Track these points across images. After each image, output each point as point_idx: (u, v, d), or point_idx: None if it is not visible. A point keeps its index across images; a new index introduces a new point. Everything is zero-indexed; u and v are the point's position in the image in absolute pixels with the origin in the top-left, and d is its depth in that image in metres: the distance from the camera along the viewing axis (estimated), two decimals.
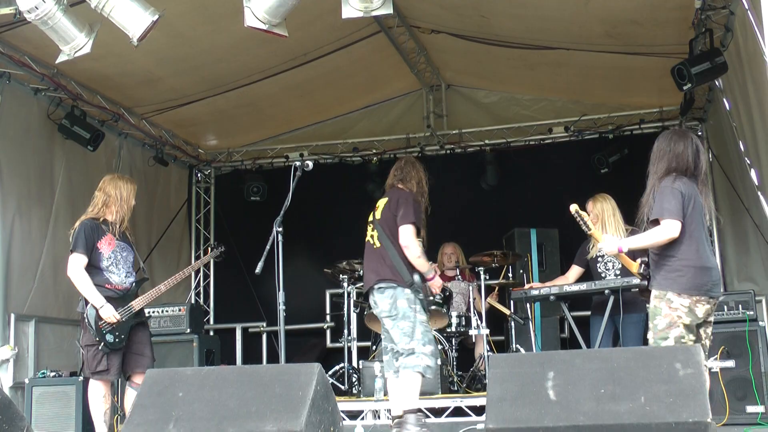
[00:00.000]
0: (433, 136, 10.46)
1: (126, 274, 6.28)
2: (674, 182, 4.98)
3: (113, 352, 6.07)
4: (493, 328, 8.12)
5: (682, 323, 4.77)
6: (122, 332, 6.10)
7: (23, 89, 8.03)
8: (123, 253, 6.29)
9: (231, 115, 9.92)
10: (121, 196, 6.32)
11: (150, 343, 6.34)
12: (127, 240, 6.37)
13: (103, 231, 6.21)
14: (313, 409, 4.01)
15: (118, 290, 6.19)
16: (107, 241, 6.20)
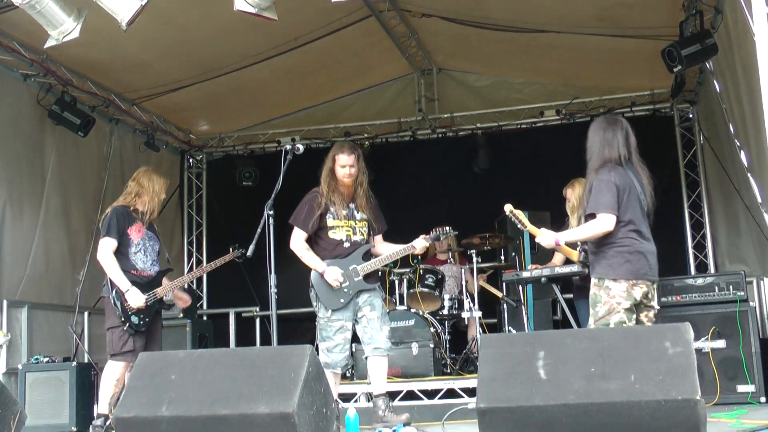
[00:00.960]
0: (424, 120, 10.47)
1: (152, 263, 6.51)
2: (609, 174, 5.11)
3: (138, 333, 6.29)
4: (485, 311, 8.14)
5: (622, 308, 4.93)
6: (147, 316, 6.33)
7: (12, 75, 7.99)
8: (150, 242, 6.53)
9: (222, 101, 9.90)
10: (153, 188, 6.52)
11: (161, 329, 6.64)
12: (154, 231, 6.61)
13: (134, 219, 6.44)
14: (306, 391, 4.03)
15: (143, 276, 6.41)
16: (137, 229, 6.44)
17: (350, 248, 5.96)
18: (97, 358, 8.41)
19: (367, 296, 5.94)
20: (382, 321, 5.95)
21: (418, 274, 7.99)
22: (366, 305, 5.93)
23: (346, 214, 5.98)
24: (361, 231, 6.03)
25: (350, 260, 5.94)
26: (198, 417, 4.09)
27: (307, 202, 6.01)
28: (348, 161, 5.94)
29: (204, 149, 11.18)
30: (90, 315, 8.96)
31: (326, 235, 5.97)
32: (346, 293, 5.88)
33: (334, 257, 5.95)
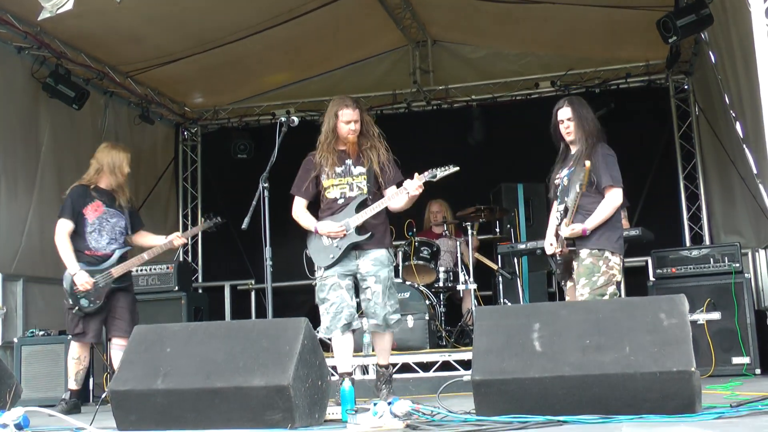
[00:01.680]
0: (419, 92, 10.43)
1: (109, 241, 6.37)
2: (611, 150, 5.22)
3: (90, 316, 6.23)
4: (480, 284, 8.16)
5: (615, 281, 5.08)
6: (98, 297, 6.22)
7: (6, 47, 7.94)
8: (111, 219, 6.39)
9: (217, 73, 9.84)
10: (113, 164, 6.38)
11: (131, 308, 6.43)
12: (119, 207, 6.44)
13: (92, 197, 6.33)
14: (301, 363, 4.04)
15: (98, 256, 6.30)
16: (94, 208, 6.33)
17: (344, 204, 5.66)
18: None
19: (371, 264, 5.60)
20: (387, 295, 5.62)
21: (413, 247, 7.99)
22: (371, 276, 5.60)
23: (341, 171, 5.66)
24: (359, 186, 5.65)
25: (342, 215, 5.63)
26: (193, 390, 4.10)
27: (302, 167, 5.80)
28: (353, 116, 5.62)
29: (199, 122, 11.13)
30: None
31: (324, 196, 5.73)
32: (336, 248, 5.60)
33: (330, 216, 5.68)
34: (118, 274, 6.28)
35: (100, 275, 6.23)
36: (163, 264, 8.42)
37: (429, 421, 3.78)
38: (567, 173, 5.21)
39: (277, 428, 3.91)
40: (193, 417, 4.08)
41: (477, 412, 3.79)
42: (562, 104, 5.37)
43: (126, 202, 6.50)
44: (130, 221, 6.53)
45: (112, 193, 6.42)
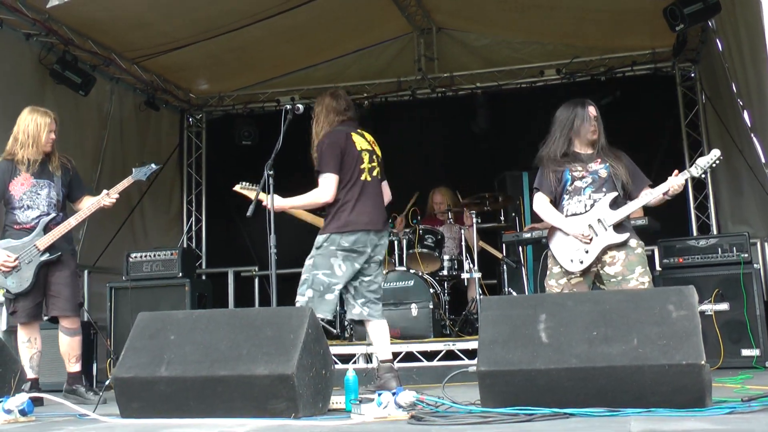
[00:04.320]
0: (424, 80, 10.39)
1: (40, 214, 5.85)
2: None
3: (22, 295, 5.80)
4: (485, 272, 8.13)
5: None
6: (25, 274, 5.76)
7: (15, 34, 7.94)
8: (42, 191, 5.88)
9: (222, 60, 9.81)
10: (28, 131, 5.85)
11: (68, 281, 5.89)
12: (49, 176, 5.92)
13: (17, 170, 5.86)
14: (305, 352, 4.02)
15: (24, 229, 5.83)
16: (20, 181, 5.86)
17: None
18: (96, 316, 8.42)
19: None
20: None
21: (417, 235, 7.96)
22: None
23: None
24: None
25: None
26: (197, 378, 4.09)
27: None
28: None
29: (204, 108, 11.11)
30: (90, 273, 8.97)
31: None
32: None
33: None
34: (43, 245, 5.75)
35: (24, 251, 5.74)
36: (167, 250, 8.39)
37: (433, 412, 3.76)
38: (604, 167, 5.18)
39: (280, 417, 3.90)
40: (197, 405, 4.07)
41: (482, 403, 3.77)
42: (589, 103, 5.36)
43: (58, 169, 5.97)
44: (68, 189, 6.02)
45: (42, 163, 5.91)
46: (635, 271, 5.04)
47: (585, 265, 5.12)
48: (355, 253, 5.45)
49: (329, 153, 5.47)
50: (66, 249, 5.92)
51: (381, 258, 5.61)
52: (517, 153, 9.67)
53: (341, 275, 5.42)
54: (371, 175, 5.60)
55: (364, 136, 5.71)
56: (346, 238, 5.42)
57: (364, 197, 5.50)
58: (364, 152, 5.60)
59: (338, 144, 5.50)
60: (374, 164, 5.64)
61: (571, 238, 5.16)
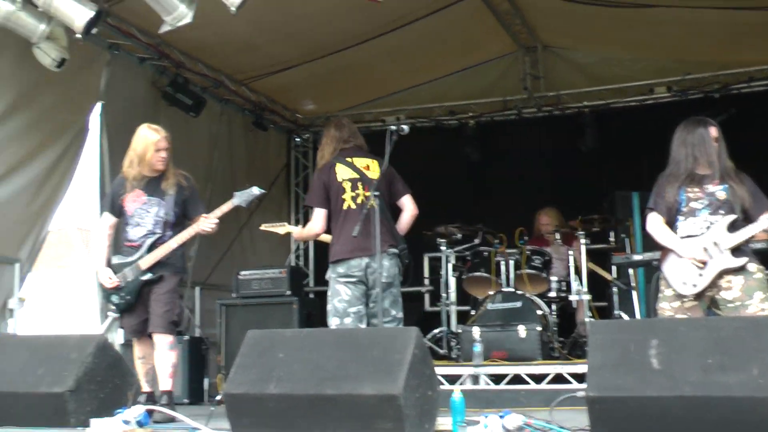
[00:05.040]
0: (530, 99, 10.31)
1: (147, 233, 5.88)
2: None
3: (126, 311, 5.90)
4: (595, 294, 7.97)
5: None
6: (128, 292, 5.85)
7: (130, 59, 8.28)
8: (152, 209, 5.90)
9: (328, 81, 9.96)
10: (136, 149, 5.93)
11: (165, 300, 5.84)
12: (161, 194, 5.92)
13: (131, 187, 5.93)
14: (411, 373, 4.03)
15: (132, 247, 5.90)
16: (132, 198, 5.93)
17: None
18: (208, 332, 8.65)
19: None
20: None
21: (524, 256, 7.89)
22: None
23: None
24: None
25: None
26: (305, 396, 4.15)
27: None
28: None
29: (310, 128, 11.29)
30: (201, 290, 9.21)
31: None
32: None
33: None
34: (145, 265, 5.80)
35: (129, 268, 5.84)
36: (275, 268, 8.54)
37: None
38: (722, 188, 5.05)
39: None
40: (305, 422, 4.12)
41: (591, 430, 3.70)
42: (711, 123, 5.23)
43: (172, 187, 5.94)
44: (182, 208, 5.97)
45: (156, 180, 5.94)
46: (754, 297, 4.87)
47: (698, 288, 4.97)
48: (352, 277, 5.65)
49: (314, 188, 5.91)
50: (169, 268, 5.90)
51: (385, 280, 5.59)
52: (626, 172, 9.50)
53: (349, 299, 5.63)
54: (355, 202, 5.76)
55: (352, 164, 5.83)
56: (339, 267, 5.67)
57: (348, 226, 5.63)
58: (345, 182, 5.78)
59: (322, 179, 5.83)
60: (358, 191, 5.78)
61: (685, 261, 5.02)
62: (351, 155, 5.89)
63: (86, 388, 4.87)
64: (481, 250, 8.15)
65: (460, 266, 8.36)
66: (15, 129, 7.20)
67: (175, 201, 5.93)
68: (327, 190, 5.79)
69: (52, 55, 6.76)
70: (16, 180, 7.27)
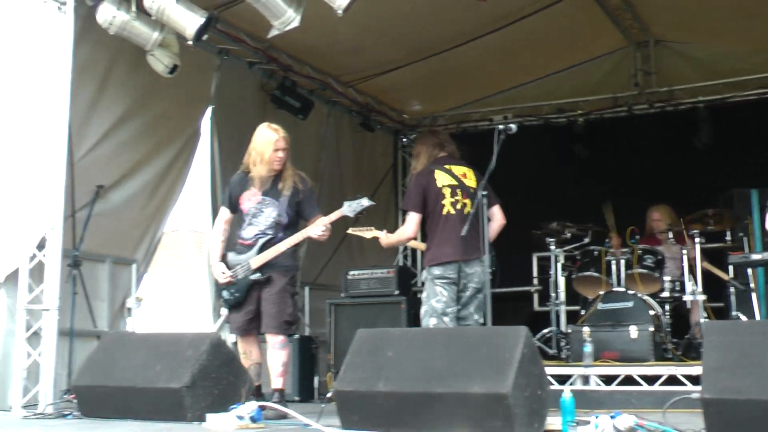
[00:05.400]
0: (641, 95, 10.08)
1: (258, 233, 5.91)
2: None
3: (235, 308, 5.94)
4: (710, 295, 7.73)
5: None
6: (238, 290, 5.90)
7: (239, 63, 8.50)
8: (266, 209, 5.93)
9: (434, 81, 9.97)
10: (257, 148, 5.96)
11: (275, 300, 5.87)
12: (276, 195, 5.94)
13: (249, 185, 5.98)
14: (520, 372, 4.01)
15: (245, 246, 5.96)
16: (249, 196, 5.98)
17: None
18: (317, 331, 8.78)
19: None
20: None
21: (636, 255, 7.72)
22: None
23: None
24: None
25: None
26: (413, 393, 4.19)
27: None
28: None
29: (417, 129, 11.31)
30: (311, 290, 9.36)
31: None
32: None
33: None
34: (255, 265, 5.84)
35: (240, 266, 5.91)
36: (383, 268, 8.59)
37: None
38: None
39: None
40: (414, 420, 4.16)
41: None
42: None
43: (288, 188, 5.94)
44: (297, 209, 5.98)
45: (273, 180, 5.95)
46: None
47: None
48: (447, 279, 5.79)
49: (412, 192, 6.04)
50: (279, 268, 5.91)
51: (475, 285, 5.80)
52: (744, 169, 9.19)
53: (447, 300, 5.77)
54: (455, 208, 5.90)
55: (451, 172, 6.01)
56: (435, 269, 5.82)
57: (447, 231, 5.83)
58: (445, 188, 5.93)
59: (421, 183, 5.98)
60: (457, 198, 5.94)
61: None
62: (448, 163, 6.06)
63: (201, 384, 5.05)
64: (591, 249, 8.02)
65: (569, 266, 8.25)
66: (130, 135, 7.48)
67: (288, 202, 5.94)
68: (425, 196, 5.94)
69: (165, 62, 6.97)
70: (131, 184, 7.56)
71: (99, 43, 6.99)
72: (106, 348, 5.72)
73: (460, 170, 6.06)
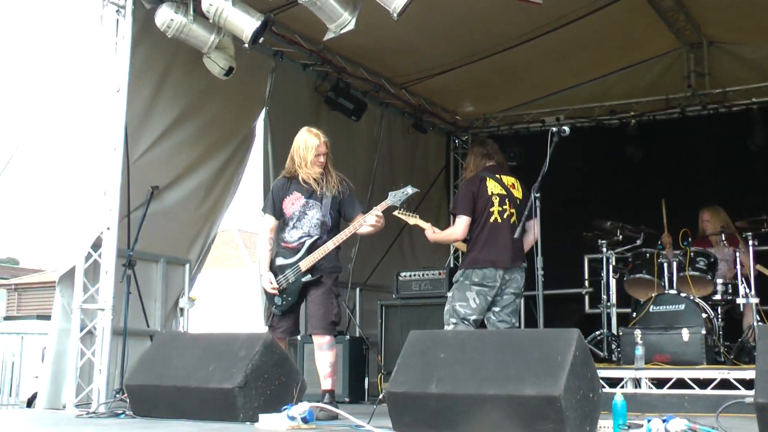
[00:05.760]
0: (694, 96, 10.01)
1: (302, 235, 5.93)
2: None
3: (284, 314, 5.96)
4: (763, 298, 7.66)
5: None
6: (289, 294, 5.91)
7: (293, 65, 8.60)
8: (310, 211, 5.96)
9: (487, 82, 10.01)
10: (299, 152, 5.98)
11: (322, 301, 5.90)
12: (318, 197, 5.97)
13: (291, 189, 6.00)
14: (572, 375, 4.03)
15: (290, 249, 5.95)
16: (292, 200, 5.99)
17: None
18: (368, 332, 8.85)
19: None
20: None
21: (688, 257, 7.67)
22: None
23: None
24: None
25: None
26: (465, 395, 4.22)
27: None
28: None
29: (469, 130, 11.35)
30: (361, 291, 9.43)
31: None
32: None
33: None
34: (306, 266, 5.85)
35: (290, 270, 5.90)
36: (435, 270, 8.63)
37: None
38: None
39: None
40: (465, 422, 4.19)
41: None
42: None
43: (331, 190, 5.98)
44: (337, 211, 6.02)
45: (315, 183, 5.97)
46: None
47: None
48: (486, 287, 6.03)
49: (463, 197, 6.23)
50: (326, 269, 5.95)
51: (514, 291, 6.11)
52: None
53: (475, 307, 6.02)
54: (502, 217, 6.13)
55: (501, 181, 6.23)
56: (476, 273, 6.04)
57: (492, 237, 6.08)
58: (494, 196, 6.15)
59: (471, 189, 6.18)
60: (505, 207, 6.14)
61: None
62: (498, 172, 6.28)
63: (254, 384, 5.09)
64: (643, 251, 7.98)
65: (621, 268, 8.22)
66: (185, 136, 7.60)
67: (332, 204, 5.99)
68: (475, 201, 6.15)
69: (221, 64, 7.08)
70: (186, 184, 7.68)
71: (156, 46, 7.13)
72: (159, 347, 5.78)
73: (509, 180, 6.27)
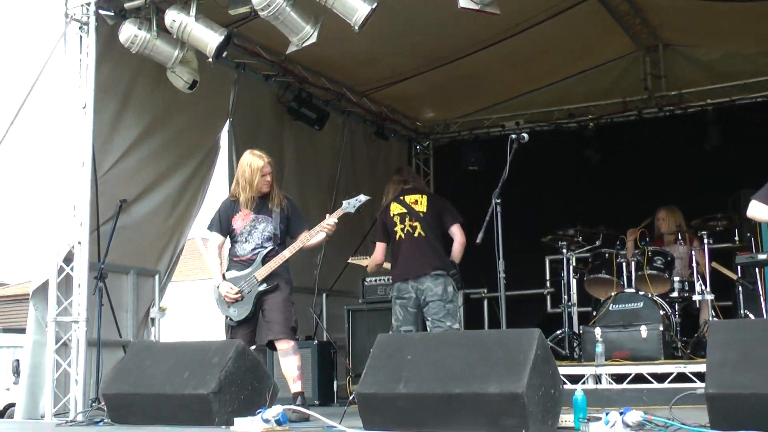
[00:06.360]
0: (651, 99, 10.23)
1: (254, 247, 6.14)
2: None
3: (240, 324, 6.09)
4: (719, 294, 7.89)
5: None
6: (246, 304, 6.06)
7: (256, 77, 8.69)
8: (259, 225, 6.17)
9: (447, 88, 10.13)
10: (245, 176, 6.17)
11: (281, 307, 6.08)
12: (267, 212, 6.21)
13: (238, 207, 6.22)
14: (534, 372, 4.18)
15: (243, 262, 6.13)
16: (241, 216, 6.20)
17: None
18: (335, 336, 8.95)
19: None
20: None
21: (646, 256, 7.87)
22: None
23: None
24: None
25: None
26: (432, 395, 4.36)
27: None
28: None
29: (430, 136, 11.50)
30: (327, 296, 9.52)
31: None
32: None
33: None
34: (261, 276, 6.03)
35: (244, 281, 6.06)
36: None
37: None
38: None
39: None
40: (433, 420, 4.33)
41: (711, 426, 3.76)
42: None
43: (277, 206, 6.23)
44: (285, 225, 6.25)
45: (262, 199, 6.22)
46: None
47: None
48: (403, 299, 6.58)
49: (377, 226, 7.00)
50: (281, 278, 6.13)
51: (436, 298, 6.49)
52: (752, 170, 9.28)
53: (402, 319, 6.56)
54: (404, 233, 6.68)
55: (403, 201, 6.76)
56: (395, 288, 6.68)
57: (398, 253, 6.69)
58: (396, 216, 6.73)
59: (381, 218, 6.87)
60: (406, 223, 6.69)
61: None
62: (404, 194, 6.82)
63: (228, 390, 5.21)
64: (602, 251, 8.18)
65: (581, 268, 8.41)
66: (152, 149, 7.66)
67: (280, 218, 6.23)
68: (385, 227, 6.80)
69: (185, 78, 7.16)
70: (154, 197, 7.75)
71: (120, 62, 7.19)
72: (134, 356, 5.87)
73: (412, 198, 6.78)
